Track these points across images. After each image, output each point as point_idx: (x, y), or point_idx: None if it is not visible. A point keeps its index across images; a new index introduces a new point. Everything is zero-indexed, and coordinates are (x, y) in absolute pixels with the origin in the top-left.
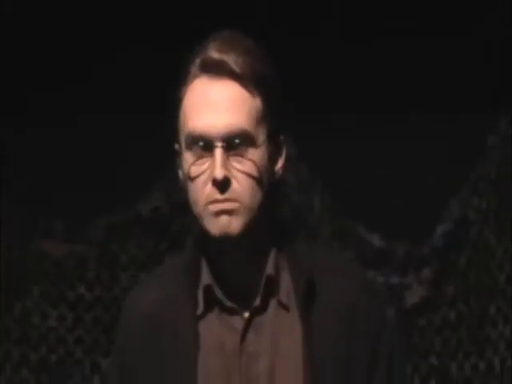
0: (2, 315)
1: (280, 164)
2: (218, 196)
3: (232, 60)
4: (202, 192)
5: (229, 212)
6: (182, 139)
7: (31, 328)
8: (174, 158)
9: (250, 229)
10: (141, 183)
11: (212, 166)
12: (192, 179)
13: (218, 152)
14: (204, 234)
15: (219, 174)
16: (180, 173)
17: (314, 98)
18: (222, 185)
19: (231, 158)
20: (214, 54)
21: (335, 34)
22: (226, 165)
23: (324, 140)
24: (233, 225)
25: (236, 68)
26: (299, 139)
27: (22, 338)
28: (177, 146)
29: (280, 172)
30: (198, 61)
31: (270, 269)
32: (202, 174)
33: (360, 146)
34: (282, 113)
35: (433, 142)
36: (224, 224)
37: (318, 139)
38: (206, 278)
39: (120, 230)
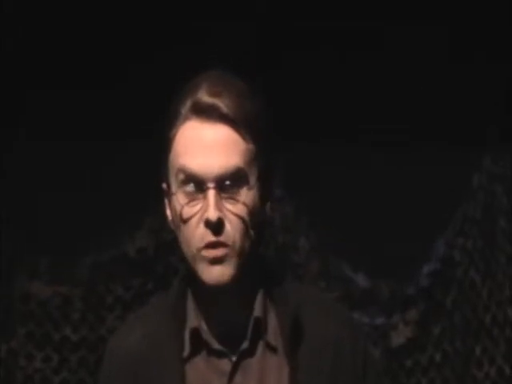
0: None
1: (269, 205)
2: (211, 238)
3: (224, 104)
4: (194, 234)
5: (221, 259)
6: (173, 180)
7: (17, 369)
8: (161, 198)
9: (241, 273)
10: (126, 223)
11: (205, 208)
12: (184, 221)
13: (211, 193)
14: (193, 275)
15: (213, 215)
16: (168, 212)
17: (298, 133)
18: (216, 226)
19: (224, 200)
20: (206, 97)
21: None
22: (219, 206)
23: (309, 179)
24: (225, 273)
25: (228, 112)
26: (284, 178)
27: (7, 379)
28: (165, 186)
29: (268, 213)
30: (188, 103)
31: (258, 311)
32: (194, 215)
33: (345, 186)
34: (272, 154)
35: (418, 181)
36: (217, 274)
37: (303, 178)
38: (192, 319)
39: (105, 270)
